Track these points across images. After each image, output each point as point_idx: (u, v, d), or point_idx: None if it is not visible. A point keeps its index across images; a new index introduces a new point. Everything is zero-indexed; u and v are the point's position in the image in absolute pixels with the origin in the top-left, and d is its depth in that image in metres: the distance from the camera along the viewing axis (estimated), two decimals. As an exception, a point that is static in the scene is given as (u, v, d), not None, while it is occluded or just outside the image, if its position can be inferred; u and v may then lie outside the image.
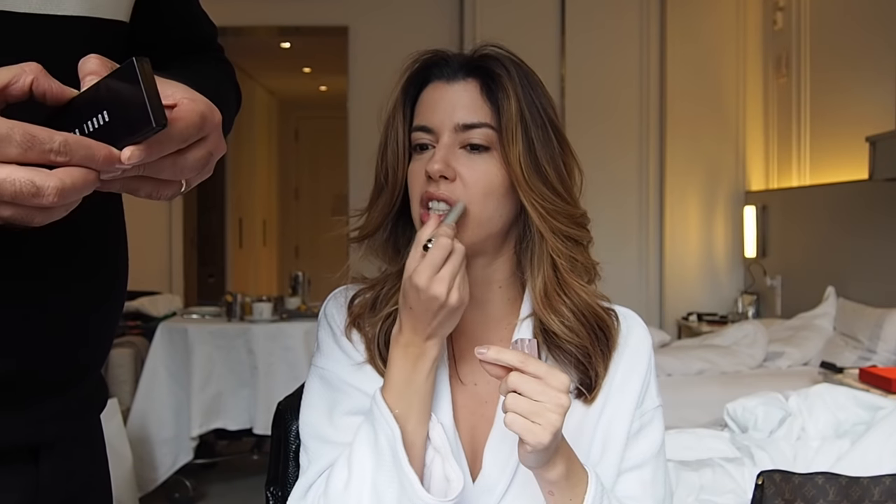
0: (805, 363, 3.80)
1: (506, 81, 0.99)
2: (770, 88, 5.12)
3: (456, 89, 1.00)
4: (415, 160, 1.01)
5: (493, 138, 0.98)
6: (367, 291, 1.05)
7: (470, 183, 0.96)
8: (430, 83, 1.02)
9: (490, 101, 0.99)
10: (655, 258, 5.30)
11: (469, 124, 0.98)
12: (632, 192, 5.26)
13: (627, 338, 1.04)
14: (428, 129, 0.99)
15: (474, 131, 0.98)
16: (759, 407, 2.11)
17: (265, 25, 5.77)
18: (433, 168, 0.95)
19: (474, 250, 0.99)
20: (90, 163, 0.63)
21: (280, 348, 3.56)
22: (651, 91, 5.24)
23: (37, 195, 0.61)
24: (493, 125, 0.98)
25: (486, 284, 1.03)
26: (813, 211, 4.47)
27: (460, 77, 1.00)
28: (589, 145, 4.88)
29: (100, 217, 0.84)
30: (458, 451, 0.97)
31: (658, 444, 1.03)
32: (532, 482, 0.93)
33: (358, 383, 1.00)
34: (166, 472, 3.46)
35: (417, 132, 1.00)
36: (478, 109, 0.99)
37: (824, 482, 1.55)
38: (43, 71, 0.64)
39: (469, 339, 1.04)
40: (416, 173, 0.99)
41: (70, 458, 0.85)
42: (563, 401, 0.85)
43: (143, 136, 0.63)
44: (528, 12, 5.17)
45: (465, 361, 1.03)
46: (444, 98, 0.99)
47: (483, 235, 0.98)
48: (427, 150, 0.99)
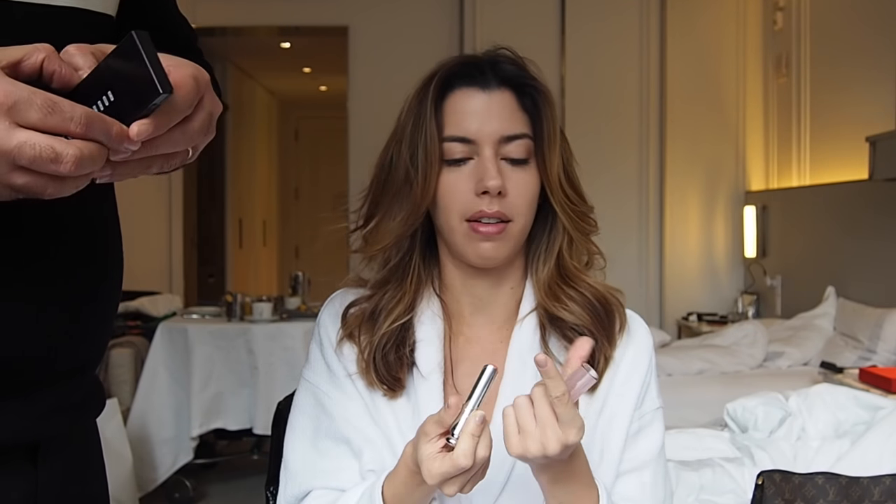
0: (805, 363, 3.80)
1: (541, 89, 0.99)
2: (770, 88, 5.12)
3: (494, 100, 0.98)
4: (450, 171, 0.98)
5: (530, 149, 0.98)
6: (366, 301, 1.03)
7: (515, 197, 0.97)
8: (457, 89, 0.99)
9: (525, 111, 0.99)
10: (655, 258, 5.30)
11: (511, 136, 0.97)
12: (632, 192, 5.25)
13: (629, 341, 1.03)
14: (466, 140, 0.97)
15: (515, 143, 0.97)
16: (759, 407, 2.10)
17: (265, 25, 5.77)
18: (493, 184, 0.94)
19: (507, 260, 1.01)
20: (105, 137, 0.63)
21: (280, 348, 3.56)
22: (651, 91, 5.24)
23: (55, 161, 0.61)
24: (531, 135, 0.98)
25: (497, 287, 1.03)
26: (813, 211, 4.46)
27: (494, 86, 0.98)
28: (589, 145, 4.88)
29: (88, 209, 0.85)
30: None
31: (658, 446, 1.03)
32: (529, 481, 0.93)
33: (337, 403, 1.00)
34: (166, 472, 3.45)
35: (453, 142, 0.97)
36: (516, 120, 0.98)
37: (824, 482, 1.55)
38: (54, 52, 0.65)
39: (468, 341, 1.03)
40: (456, 186, 0.97)
41: (68, 460, 0.85)
42: (553, 440, 0.82)
43: (150, 109, 0.64)
44: (529, 12, 5.17)
45: (461, 367, 1.02)
46: (483, 108, 0.97)
47: (520, 244, 1.00)
48: (464, 162, 0.98)
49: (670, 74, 5.22)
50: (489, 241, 0.96)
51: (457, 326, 1.04)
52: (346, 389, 1.00)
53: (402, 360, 0.99)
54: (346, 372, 1.01)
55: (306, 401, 1.03)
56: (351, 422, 0.99)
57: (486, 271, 1.01)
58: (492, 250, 0.97)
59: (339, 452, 0.99)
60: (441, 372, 1.00)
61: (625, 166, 5.23)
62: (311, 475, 0.99)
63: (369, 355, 0.99)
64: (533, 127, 0.99)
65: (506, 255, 0.99)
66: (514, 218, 0.97)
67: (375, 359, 0.99)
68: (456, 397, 0.83)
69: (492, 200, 0.95)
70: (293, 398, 1.07)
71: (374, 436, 0.98)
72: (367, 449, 0.98)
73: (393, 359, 0.99)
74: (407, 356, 1.00)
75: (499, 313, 1.04)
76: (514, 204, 0.97)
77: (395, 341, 1.00)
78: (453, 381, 1.01)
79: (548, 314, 1.01)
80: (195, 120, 0.70)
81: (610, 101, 5.23)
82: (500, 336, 1.04)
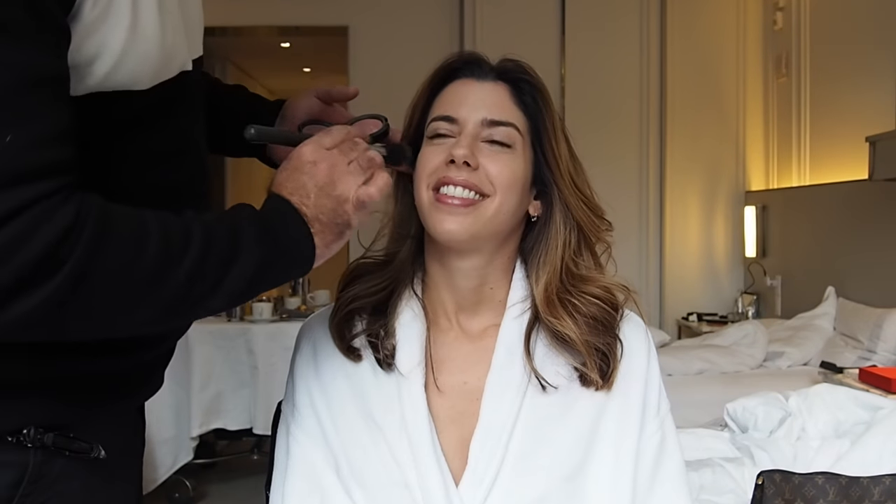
0: (805, 363, 3.80)
1: (538, 85, 1.02)
2: (770, 88, 5.12)
3: (486, 88, 1.01)
4: (428, 145, 1.00)
5: (516, 138, 0.99)
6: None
7: (494, 174, 0.97)
8: (456, 80, 1.02)
9: (518, 106, 1.01)
10: (655, 258, 5.30)
11: (496, 121, 0.99)
12: (632, 192, 5.25)
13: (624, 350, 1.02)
14: (451, 119, 0.99)
15: (500, 128, 0.99)
16: (759, 407, 2.10)
17: (265, 25, 5.76)
18: (459, 152, 0.95)
19: (476, 244, 0.99)
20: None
21: (280, 348, 3.55)
22: (651, 91, 5.24)
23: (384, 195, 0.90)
24: (519, 128, 0.99)
25: (479, 287, 1.02)
26: (813, 211, 4.46)
27: (490, 78, 1.01)
28: (589, 145, 4.84)
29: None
30: (440, 459, 0.96)
31: (680, 462, 1.02)
32: (521, 475, 0.94)
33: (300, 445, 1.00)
34: (166, 472, 3.45)
35: (438, 121, 1.00)
36: (506, 110, 1.00)
37: (824, 482, 1.55)
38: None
39: (455, 339, 1.03)
40: (429, 157, 0.99)
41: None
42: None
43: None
44: (529, 12, 5.17)
45: (444, 370, 1.01)
46: (474, 94, 1.00)
47: (492, 229, 0.98)
48: (444, 137, 0.99)
49: (670, 74, 5.22)
50: (453, 214, 0.95)
51: (441, 325, 1.03)
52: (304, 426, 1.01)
53: (378, 348, 1.00)
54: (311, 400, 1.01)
55: (281, 447, 1.04)
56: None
57: (465, 270, 1.00)
58: (454, 223, 0.95)
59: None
60: (422, 372, 0.99)
61: (625, 166, 5.22)
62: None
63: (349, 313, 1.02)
64: (529, 122, 1.01)
65: (471, 233, 0.96)
66: (487, 192, 0.96)
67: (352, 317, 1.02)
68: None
69: (460, 169, 0.95)
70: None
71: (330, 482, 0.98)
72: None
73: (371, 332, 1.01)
74: (387, 357, 0.99)
75: (483, 311, 1.03)
76: (488, 179, 0.96)
77: (377, 328, 1.01)
78: (435, 380, 1.00)
79: (541, 321, 1.00)
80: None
81: (610, 101, 5.23)
82: (486, 334, 1.03)
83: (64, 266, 0.68)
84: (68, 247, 0.68)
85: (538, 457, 0.96)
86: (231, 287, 0.80)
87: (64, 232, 0.67)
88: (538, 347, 1.00)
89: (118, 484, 0.93)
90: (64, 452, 0.83)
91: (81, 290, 0.69)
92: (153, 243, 0.73)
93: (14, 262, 0.65)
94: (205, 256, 0.77)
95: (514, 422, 0.97)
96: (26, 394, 0.80)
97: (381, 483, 0.96)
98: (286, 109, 1.12)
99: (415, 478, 0.95)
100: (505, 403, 0.97)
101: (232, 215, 0.84)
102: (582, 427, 0.98)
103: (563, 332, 0.98)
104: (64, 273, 0.68)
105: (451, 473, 0.96)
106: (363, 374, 1.00)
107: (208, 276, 0.77)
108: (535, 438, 0.97)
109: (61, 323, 0.71)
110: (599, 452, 0.98)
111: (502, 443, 0.95)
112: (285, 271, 0.86)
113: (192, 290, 0.77)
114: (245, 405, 3.57)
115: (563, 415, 0.98)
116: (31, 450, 0.81)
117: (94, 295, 0.70)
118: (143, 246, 0.73)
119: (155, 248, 0.73)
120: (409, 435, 0.96)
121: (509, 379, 0.99)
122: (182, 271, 0.75)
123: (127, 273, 0.72)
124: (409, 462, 0.95)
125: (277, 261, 0.84)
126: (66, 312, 0.70)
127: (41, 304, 0.68)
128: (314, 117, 1.10)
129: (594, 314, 1.00)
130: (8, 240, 0.65)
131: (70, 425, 0.83)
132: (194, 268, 0.76)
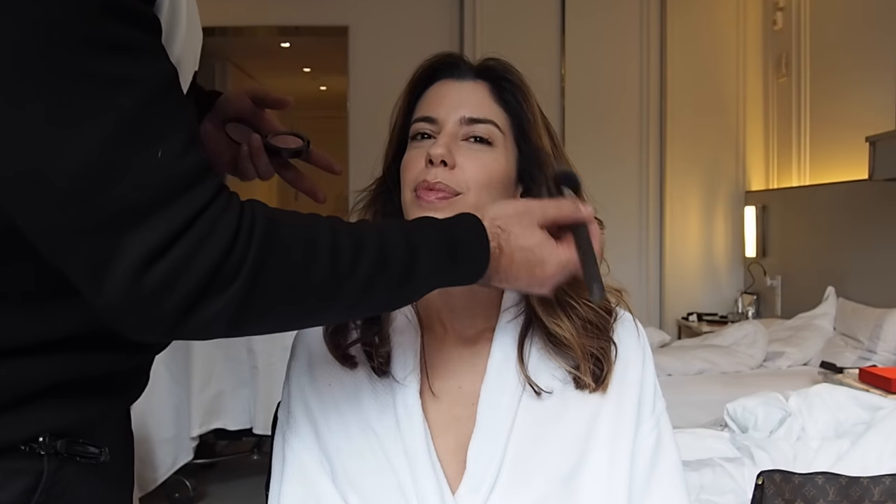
0: (805, 363, 3.80)
1: (518, 82, 1.01)
2: (770, 88, 5.12)
3: (465, 87, 1.01)
4: (412, 148, 1.01)
5: (496, 136, 0.99)
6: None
7: (470, 172, 0.96)
8: (436, 82, 1.03)
9: (499, 103, 1.01)
10: (655, 258, 5.30)
11: (475, 118, 0.99)
12: (632, 192, 5.25)
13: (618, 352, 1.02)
14: (431, 120, 1.00)
15: (479, 126, 0.99)
16: (759, 407, 2.10)
17: (265, 25, 5.77)
18: (435, 151, 0.95)
19: None
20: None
21: (280, 348, 3.55)
22: (651, 91, 5.24)
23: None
24: (499, 125, 1.00)
25: (472, 291, 0.98)
26: (813, 211, 4.47)
27: (469, 78, 1.02)
28: (589, 145, 4.87)
29: None
30: (435, 465, 0.95)
31: (676, 459, 1.02)
32: (519, 478, 0.93)
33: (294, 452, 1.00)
34: (166, 472, 3.45)
35: (420, 122, 1.00)
36: (485, 108, 1.00)
37: (824, 482, 1.55)
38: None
39: (451, 344, 1.02)
40: (412, 160, 0.99)
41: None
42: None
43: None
44: (529, 12, 5.17)
45: (438, 375, 1.00)
46: (452, 93, 1.01)
47: None
48: (425, 138, 1.00)
49: (670, 74, 5.22)
50: (430, 210, 0.95)
51: (434, 330, 1.03)
52: (299, 432, 1.00)
53: (372, 356, 1.00)
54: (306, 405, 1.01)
55: (277, 454, 1.03)
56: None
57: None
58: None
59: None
60: (417, 377, 0.99)
61: (625, 166, 5.22)
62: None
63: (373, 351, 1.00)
64: (510, 119, 1.01)
65: None
66: (461, 191, 0.96)
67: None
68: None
69: (437, 171, 0.95)
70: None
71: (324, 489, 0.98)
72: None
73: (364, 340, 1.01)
74: (381, 364, 0.99)
75: (477, 315, 1.03)
76: (464, 178, 0.96)
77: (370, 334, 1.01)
78: (430, 385, 1.00)
79: (537, 321, 1.00)
80: None
81: (610, 101, 5.23)
82: (480, 338, 1.02)
83: (242, 268, 0.69)
84: (241, 248, 0.69)
85: (535, 460, 0.96)
86: (392, 302, 0.84)
87: (233, 235, 0.69)
88: (532, 352, 1.00)
89: (118, 487, 0.93)
90: (76, 458, 0.82)
91: (256, 291, 0.70)
92: (323, 247, 0.74)
93: (197, 272, 0.67)
94: (380, 270, 0.77)
95: (511, 426, 0.96)
96: (41, 400, 0.80)
97: (376, 489, 0.95)
98: (219, 104, 1.10)
99: (410, 484, 0.94)
100: (501, 408, 0.97)
101: (417, 233, 0.83)
102: (578, 429, 0.98)
103: (561, 335, 0.98)
104: (242, 275, 0.69)
105: (447, 479, 0.95)
106: (358, 381, 1.00)
107: (379, 286, 0.78)
108: (532, 442, 0.96)
109: (241, 323, 0.72)
110: (595, 454, 0.98)
111: (500, 447, 0.95)
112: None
113: (367, 296, 0.78)
114: (245, 405, 3.56)
115: (558, 417, 0.98)
116: (44, 457, 0.80)
117: (267, 292, 0.72)
118: (313, 248, 0.74)
119: (325, 253, 0.74)
120: (404, 441, 0.95)
121: (505, 383, 0.98)
122: (357, 280, 0.76)
123: (301, 273, 0.73)
124: (405, 468, 0.95)
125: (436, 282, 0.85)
126: (245, 312, 0.71)
127: (224, 309, 0.69)
128: (243, 117, 1.09)
129: (590, 318, 1.00)
130: (185, 252, 0.67)
131: (79, 430, 0.83)
132: (366, 279, 0.76)
